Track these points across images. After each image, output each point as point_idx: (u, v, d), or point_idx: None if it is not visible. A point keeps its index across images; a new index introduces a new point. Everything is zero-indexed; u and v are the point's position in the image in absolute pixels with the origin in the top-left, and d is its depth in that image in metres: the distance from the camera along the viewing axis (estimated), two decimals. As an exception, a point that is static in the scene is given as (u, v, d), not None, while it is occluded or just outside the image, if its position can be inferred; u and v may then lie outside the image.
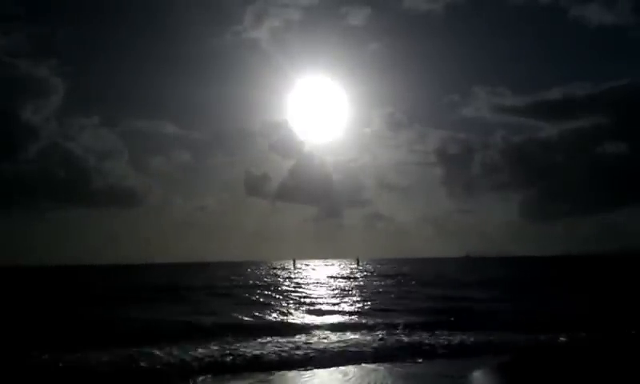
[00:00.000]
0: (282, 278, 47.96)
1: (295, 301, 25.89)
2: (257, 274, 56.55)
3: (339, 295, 28.97)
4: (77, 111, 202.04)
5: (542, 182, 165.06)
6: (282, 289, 32.82)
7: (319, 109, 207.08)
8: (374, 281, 41.41)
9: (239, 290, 31.33)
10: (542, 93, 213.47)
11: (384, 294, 28.75)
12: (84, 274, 64.03)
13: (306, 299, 26.82)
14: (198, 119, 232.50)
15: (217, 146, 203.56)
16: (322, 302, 25.84)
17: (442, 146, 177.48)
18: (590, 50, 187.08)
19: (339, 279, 43.65)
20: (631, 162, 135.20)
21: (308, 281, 42.70)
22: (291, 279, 44.45)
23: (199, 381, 10.80)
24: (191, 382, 10.68)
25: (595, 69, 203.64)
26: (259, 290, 30.10)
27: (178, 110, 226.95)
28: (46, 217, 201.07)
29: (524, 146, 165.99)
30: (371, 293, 30.34)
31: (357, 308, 23.13)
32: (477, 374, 10.87)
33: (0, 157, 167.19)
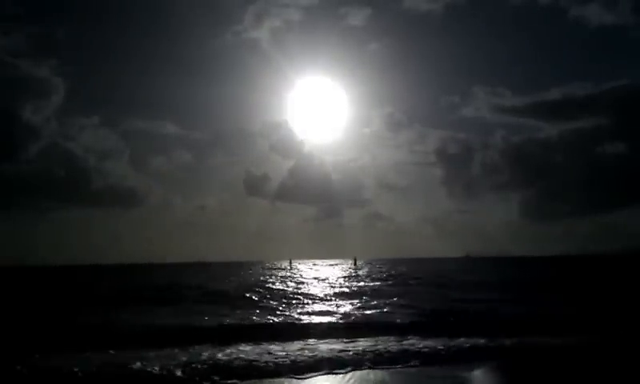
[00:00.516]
0: (276, 278, 47.82)
1: (288, 303, 25.52)
2: (253, 275, 56.42)
3: (333, 297, 28.60)
4: (77, 111, 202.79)
5: (542, 182, 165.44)
6: (275, 290, 32.65)
7: (319, 109, 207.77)
8: (370, 282, 41.20)
9: (232, 291, 31.08)
10: (542, 93, 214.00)
11: (380, 296, 28.45)
12: (83, 275, 64.00)
13: (299, 301, 26.46)
14: (198, 119, 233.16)
15: (217, 146, 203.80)
16: (314, 304, 25.53)
17: (441, 146, 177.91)
18: (590, 51, 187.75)
19: (335, 280, 43.39)
20: (631, 162, 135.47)
21: (302, 281, 42.54)
22: (285, 280, 44.30)
23: None
24: None
25: (595, 69, 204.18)
26: (250, 292, 29.90)
27: (178, 110, 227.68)
28: (47, 217, 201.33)
29: (524, 146, 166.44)
30: (367, 294, 30.11)
31: (351, 310, 22.88)
32: (477, 374, 10.82)
33: (0, 157, 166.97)
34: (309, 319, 20.06)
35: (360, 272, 62.06)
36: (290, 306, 24.72)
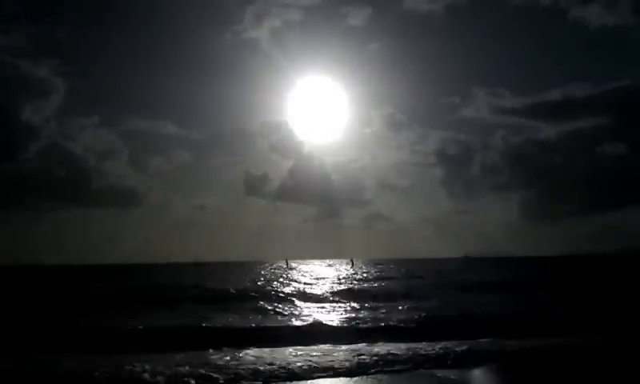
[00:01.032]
0: (274, 278, 47.79)
1: (280, 305, 25.27)
2: (251, 275, 56.39)
3: (327, 299, 28.39)
4: (77, 111, 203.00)
5: (542, 182, 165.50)
6: (273, 291, 32.66)
7: (319, 109, 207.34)
8: (366, 283, 41.07)
9: (232, 292, 30.90)
10: (542, 94, 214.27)
11: (375, 298, 28.21)
12: (84, 274, 63.92)
13: (293, 303, 26.27)
14: (198, 119, 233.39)
15: (217, 146, 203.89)
16: (315, 305, 25.52)
17: (441, 147, 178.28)
18: (590, 51, 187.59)
19: (332, 281, 43.28)
20: (631, 162, 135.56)
21: (300, 282, 42.52)
22: (283, 281, 44.29)
23: None
24: None
25: (595, 70, 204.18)
26: (249, 293, 29.83)
27: (178, 110, 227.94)
28: (46, 216, 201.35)
29: (524, 146, 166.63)
30: (367, 296, 29.94)
31: (346, 312, 22.81)
32: (477, 374, 10.82)
33: (0, 156, 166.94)
34: (298, 323, 19.83)
35: (358, 272, 61.89)
36: (290, 307, 24.60)
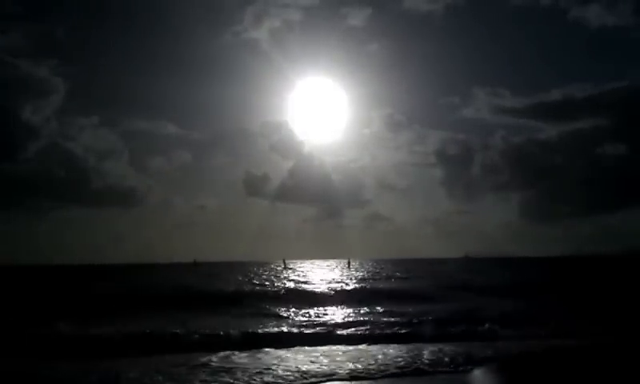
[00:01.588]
0: (272, 279, 47.73)
1: (273, 307, 25.15)
2: (250, 275, 56.30)
3: (320, 301, 28.15)
4: (77, 111, 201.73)
5: (542, 182, 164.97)
6: (271, 292, 32.57)
7: (319, 109, 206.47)
8: (361, 284, 40.94)
9: (219, 294, 30.72)
10: (542, 94, 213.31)
11: (369, 299, 27.90)
12: (80, 275, 63.77)
13: (286, 305, 26.00)
14: (198, 119, 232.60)
15: (217, 147, 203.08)
16: (299, 308, 25.01)
17: (441, 147, 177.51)
18: (591, 52, 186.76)
19: (324, 282, 43.13)
20: (631, 163, 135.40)
21: (291, 282, 42.50)
22: (280, 281, 44.23)
23: None
24: None
25: (595, 70, 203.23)
26: (249, 294, 29.70)
27: (178, 111, 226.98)
28: (46, 216, 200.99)
29: (524, 147, 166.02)
30: (357, 297, 29.78)
31: (340, 315, 22.63)
32: (477, 373, 10.74)
33: (0, 156, 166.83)
34: (288, 327, 19.38)
35: (355, 273, 61.67)
36: (272, 310, 24.23)
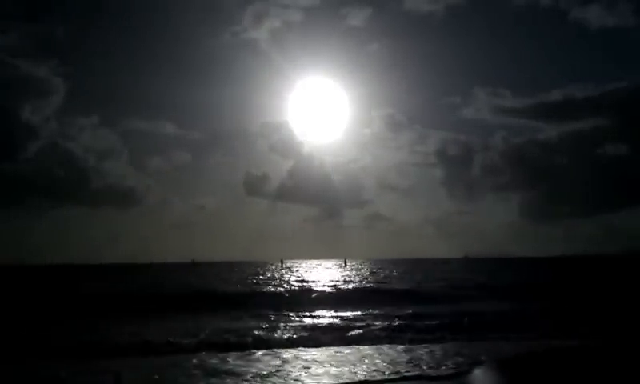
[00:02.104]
0: (264, 280, 47.71)
1: (270, 308, 24.75)
2: (248, 275, 56.19)
3: (313, 303, 27.79)
4: (77, 111, 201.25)
5: (543, 183, 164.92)
6: (261, 293, 32.48)
7: (319, 109, 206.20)
8: (356, 285, 40.79)
9: (217, 295, 30.51)
10: (543, 94, 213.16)
11: (362, 301, 27.57)
12: (81, 274, 63.76)
13: (282, 306, 25.57)
14: (197, 119, 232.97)
15: (217, 147, 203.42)
16: (294, 311, 24.41)
17: (442, 147, 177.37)
18: (591, 52, 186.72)
19: (319, 282, 42.98)
20: (632, 163, 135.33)
21: (287, 283, 42.41)
22: (272, 282, 44.15)
23: None
24: None
25: (596, 71, 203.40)
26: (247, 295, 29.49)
27: (177, 110, 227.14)
28: (45, 216, 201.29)
29: (524, 147, 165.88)
30: (352, 298, 29.46)
31: (333, 318, 22.28)
32: (476, 373, 10.64)
33: (0, 156, 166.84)
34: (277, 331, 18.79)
35: (350, 273, 61.36)
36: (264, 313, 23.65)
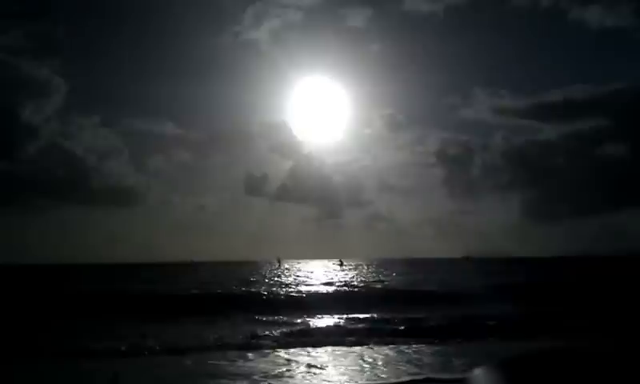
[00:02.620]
0: (260, 281, 47.73)
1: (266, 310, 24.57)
2: (246, 276, 56.12)
3: (312, 304, 27.40)
4: (77, 111, 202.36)
5: (543, 183, 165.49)
6: (258, 294, 32.40)
7: (319, 109, 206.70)
8: (356, 286, 40.72)
9: (214, 297, 30.38)
10: (543, 95, 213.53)
11: (362, 303, 27.19)
12: (81, 274, 63.61)
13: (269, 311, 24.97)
14: (197, 119, 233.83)
15: (217, 146, 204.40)
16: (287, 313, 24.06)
17: (442, 148, 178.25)
18: (591, 52, 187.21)
19: (313, 283, 42.91)
20: (632, 164, 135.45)
21: (281, 284, 42.40)
22: (268, 283, 44.13)
23: None
24: None
25: (596, 71, 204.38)
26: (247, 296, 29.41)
27: (178, 110, 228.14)
28: (46, 215, 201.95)
29: (524, 147, 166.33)
30: (351, 300, 29.33)
31: (333, 319, 22.14)
32: (477, 373, 10.55)
33: (0, 156, 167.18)
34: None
35: (349, 273, 61.12)
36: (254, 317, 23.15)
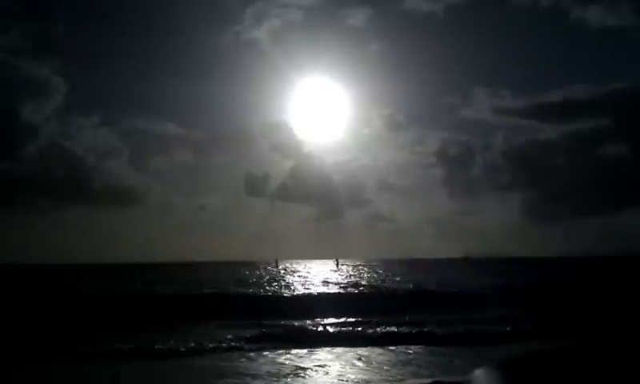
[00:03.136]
0: (256, 282, 47.73)
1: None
2: (245, 275, 56.06)
3: (311, 306, 27.43)
4: (77, 110, 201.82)
5: (543, 183, 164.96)
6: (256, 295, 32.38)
7: (319, 109, 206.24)
8: (355, 287, 40.65)
9: (212, 297, 30.38)
10: (543, 95, 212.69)
11: (362, 304, 27.29)
12: (81, 274, 63.49)
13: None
14: (198, 119, 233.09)
15: (217, 146, 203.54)
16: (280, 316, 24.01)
17: (442, 148, 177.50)
18: (592, 52, 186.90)
19: (317, 285, 42.85)
20: (632, 164, 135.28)
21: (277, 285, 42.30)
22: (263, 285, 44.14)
23: None
24: None
25: (596, 71, 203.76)
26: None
27: (178, 110, 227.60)
28: (45, 215, 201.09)
29: (525, 147, 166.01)
30: (351, 301, 29.26)
31: (332, 320, 22.32)
32: (477, 374, 10.47)
33: (0, 155, 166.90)
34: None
35: (346, 274, 60.96)
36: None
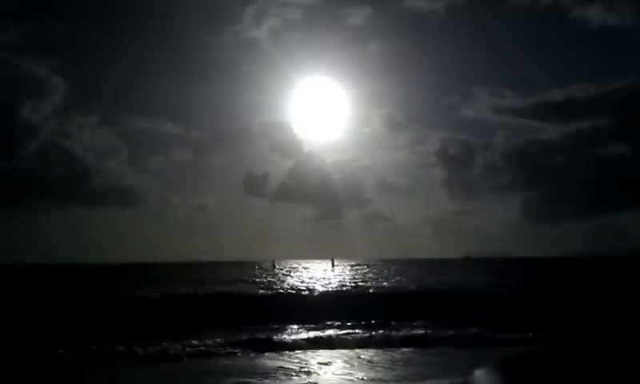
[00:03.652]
0: (254, 283, 47.53)
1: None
2: (244, 276, 55.89)
3: (309, 308, 26.54)
4: (76, 110, 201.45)
5: (543, 183, 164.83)
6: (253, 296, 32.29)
7: (319, 109, 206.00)
8: (354, 288, 40.55)
9: (211, 298, 29.97)
10: (543, 94, 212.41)
11: (362, 305, 26.58)
12: (81, 274, 63.45)
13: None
14: (198, 119, 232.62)
15: (217, 146, 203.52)
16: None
17: (442, 147, 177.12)
18: (592, 52, 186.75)
19: (316, 286, 42.69)
20: (633, 164, 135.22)
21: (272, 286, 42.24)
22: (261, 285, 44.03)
23: None
24: None
25: (597, 70, 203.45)
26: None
27: (178, 110, 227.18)
28: (45, 215, 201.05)
29: (525, 147, 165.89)
30: (351, 302, 28.89)
31: (331, 321, 21.77)
32: (477, 374, 10.46)
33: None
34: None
35: (343, 275, 60.73)
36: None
